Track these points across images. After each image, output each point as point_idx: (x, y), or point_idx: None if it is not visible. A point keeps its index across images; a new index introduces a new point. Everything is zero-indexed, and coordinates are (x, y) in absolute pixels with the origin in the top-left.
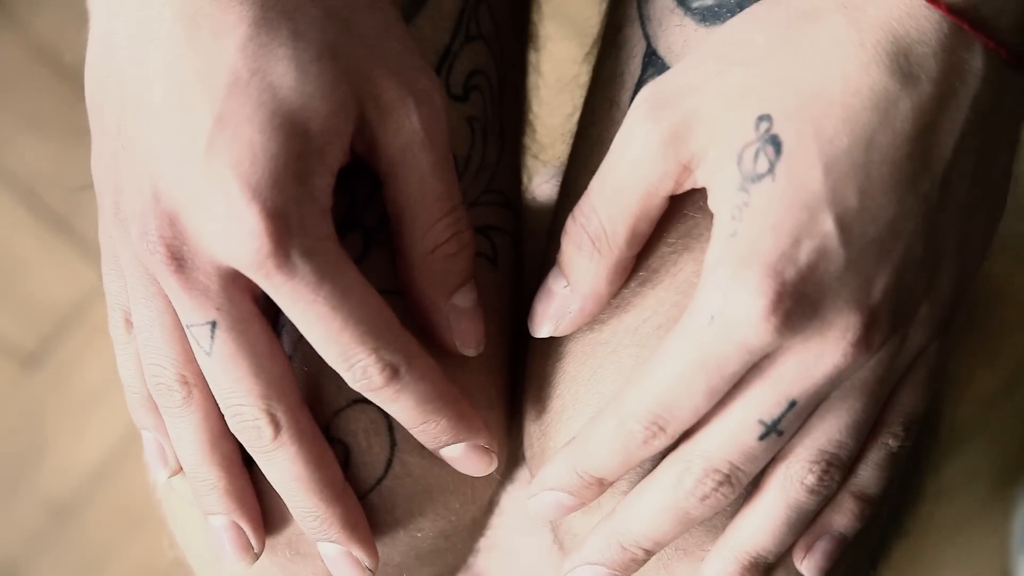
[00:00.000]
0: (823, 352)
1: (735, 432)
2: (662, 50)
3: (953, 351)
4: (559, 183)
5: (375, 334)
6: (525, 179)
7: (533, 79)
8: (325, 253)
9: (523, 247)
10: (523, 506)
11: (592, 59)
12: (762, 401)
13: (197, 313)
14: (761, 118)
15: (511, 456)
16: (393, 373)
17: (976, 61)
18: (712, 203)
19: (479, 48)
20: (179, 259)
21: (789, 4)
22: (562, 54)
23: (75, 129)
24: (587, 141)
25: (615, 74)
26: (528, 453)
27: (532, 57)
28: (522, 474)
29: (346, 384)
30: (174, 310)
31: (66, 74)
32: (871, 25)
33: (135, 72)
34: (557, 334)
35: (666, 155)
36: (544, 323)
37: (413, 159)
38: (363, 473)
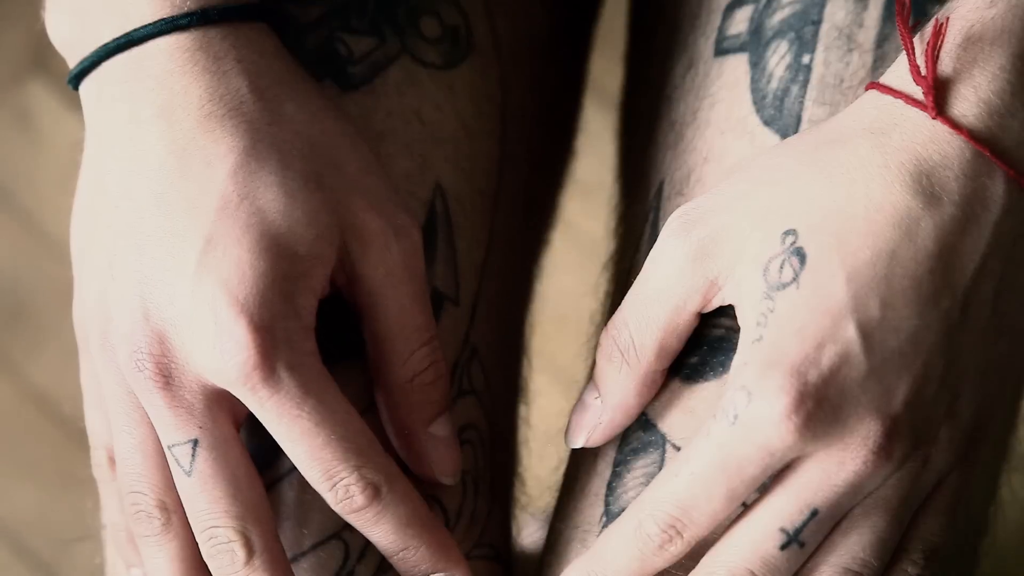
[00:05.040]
0: (844, 460)
1: (756, 540)
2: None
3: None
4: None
5: (357, 451)
6: (514, 531)
7: (523, 432)
8: (309, 369)
9: None
10: None
11: None
12: (783, 509)
13: (180, 431)
14: (787, 232)
15: None
16: (375, 493)
17: (998, 188)
18: (739, 316)
19: (471, 403)
20: (167, 376)
21: (818, 132)
22: (550, 407)
23: (68, 478)
24: (571, 494)
25: None
26: None
27: (523, 410)
28: None
29: None
30: (156, 438)
31: (61, 422)
32: (895, 148)
33: (127, 204)
34: (589, 445)
35: (694, 270)
36: (578, 434)
37: (393, 290)
38: None
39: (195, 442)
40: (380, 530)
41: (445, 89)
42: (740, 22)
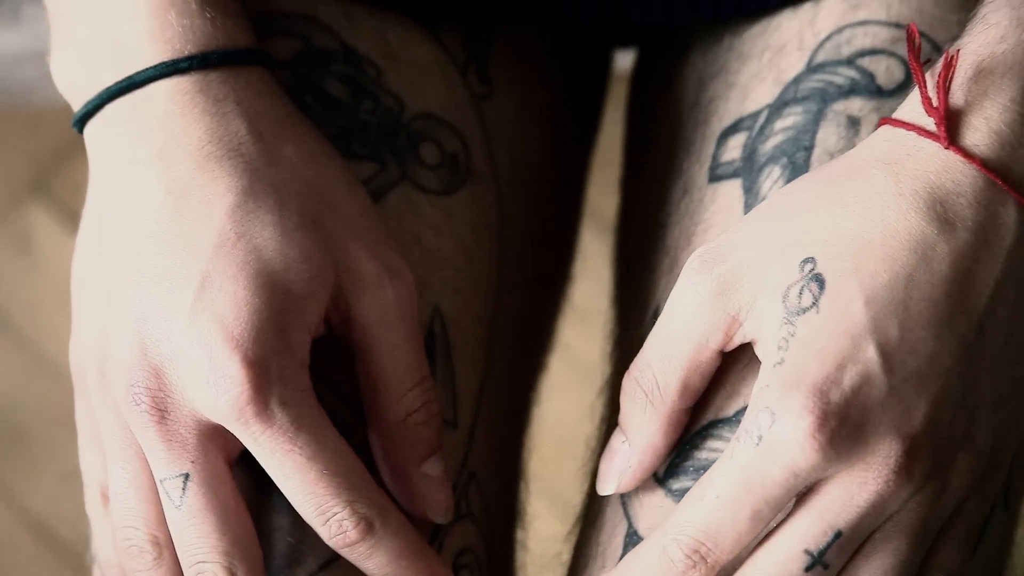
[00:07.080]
0: (866, 480)
1: (781, 562)
2: (643, 530)
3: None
4: None
5: (350, 486)
6: None
7: (520, 556)
8: (302, 404)
9: None
10: None
11: (574, 537)
12: (808, 531)
13: (172, 465)
14: (805, 260)
15: None
16: (368, 527)
17: (1010, 216)
18: (760, 347)
19: (469, 527)
20: (162, 410)
21: (831, 167)
22: (547, 531)
23: None
24: None
25: (595, 554)
26: None
27: (520, 534)
28: None
29: None
30: (150, 474)
31: (58, 548)
32: (909, 177)
33: (127, 242)
34: (620, 491)
35: (715, 306)
36: (608, 480)
37: (386, 331)
38: None
39: (186, 476)
40: (374, 563)
41: (444, 214)
42: (734, 149)
